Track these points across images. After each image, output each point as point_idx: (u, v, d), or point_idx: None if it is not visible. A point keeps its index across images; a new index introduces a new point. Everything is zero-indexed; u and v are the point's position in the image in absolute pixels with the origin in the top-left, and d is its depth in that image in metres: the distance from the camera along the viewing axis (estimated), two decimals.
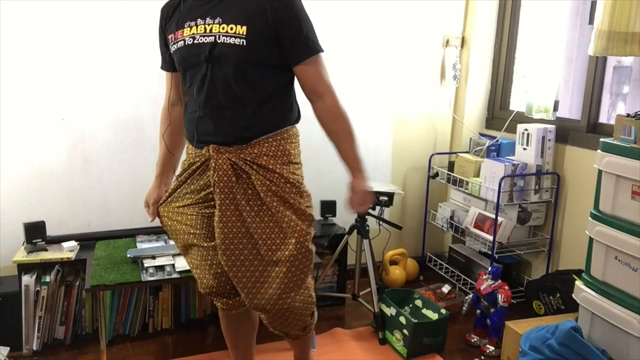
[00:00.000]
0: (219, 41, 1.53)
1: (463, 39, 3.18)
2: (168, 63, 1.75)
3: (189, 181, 1.70)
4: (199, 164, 1.64)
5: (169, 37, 1.64)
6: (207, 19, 1.55)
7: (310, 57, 1.58)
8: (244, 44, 1.51)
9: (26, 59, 2.38)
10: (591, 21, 2.54)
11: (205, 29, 1.55)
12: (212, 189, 1.62)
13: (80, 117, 2.52)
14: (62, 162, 2.53)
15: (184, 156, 1.79)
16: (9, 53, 2.35)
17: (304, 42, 1.57)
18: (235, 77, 1.55)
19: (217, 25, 1.54)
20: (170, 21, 1.65)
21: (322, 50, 1.61)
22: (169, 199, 1.76)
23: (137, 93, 2.58)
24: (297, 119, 1.73)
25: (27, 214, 2.48)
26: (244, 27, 1.51)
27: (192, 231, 1.70)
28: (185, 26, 1.59)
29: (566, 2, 2.68)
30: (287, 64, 1.60)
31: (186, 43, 1.58)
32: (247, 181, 1.60)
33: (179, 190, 1.73)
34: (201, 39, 1.55)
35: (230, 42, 1.52)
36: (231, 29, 1.52)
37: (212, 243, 1.68)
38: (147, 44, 2.55)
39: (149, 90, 2.58)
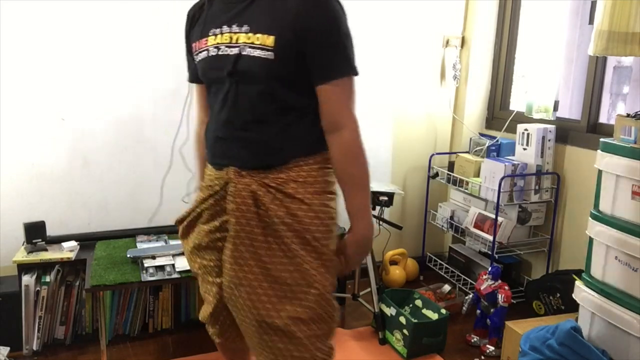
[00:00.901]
0: (244, 53, 1.29)
1: (463, 39, 3.18)
2: (194, 74, 1.51)
3: (204, 205, 1.46)
4: (217, 187, 1.41)
5: (193, 45, 1.43)
6: (234, 26, 1.33)
7: (339, 77, 1.31)
8: (272, 57, 1.27)
9: (26, 59, 2.38)
10: (591, 21, 2.54)
11: (230, 38, 1.33)
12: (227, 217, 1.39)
13: (80, 117, 2.51)
14: (62, 162, 2.53)
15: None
16: (9, 53, 2.35)
17: (335, 57, 1.30)
18: (261, 95, 1.32)
19: (244, 35, 1.30)
20: (195, 27, 1.44)
21: (357, 74, 1.34)
22: (186, 224, 1.52)
23: (137, 93, 2.58)
24: None
25: (27, 214, 2.48)
26: (272, 37, 1.27)
27: (203, 263, 1.49)
28: (210, 34, 1.37)
29: (566, 2, 2.68)
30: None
31: (210, 54, 1.36)
32: (268, 213, 1.34)
33: (195, 213, 1.49)
34: (226, 50, 1.33)
35: (256, 55, 1.28)
36: (257, 39, 1.28)
37: (219, 280, 1.44)
38: (148, 44, 2.55)
39: (149, 90, 2.59)
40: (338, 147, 1.36)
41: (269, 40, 1.27)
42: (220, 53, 1.34)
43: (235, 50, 1.31)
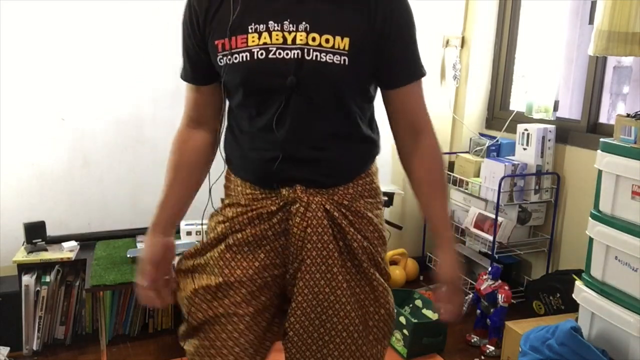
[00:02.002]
0: (308, 57, 1.09)
1: (463, 39, 3.18)
2: (199, 74, 1.24)
3: (247, 232, 1.19)
4: (273, 208, 1.18)
5: (217, 42, 1.14)
6: (286, 22, 1.09)
7: (417, 80, 1.20)
8: (346, 62, 1.10)
9: (26, 59, 2.38)
10: (591, 21, 2.53)
11: (284, 38, 1.09)
12: (284, 243, 1.19)
13: (81, 117, 2.51)
14: (62, 162, 2.53)
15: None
16: (9, 53, 2.35)
17: (412, 59, 1.18)
18: (331, 105, 1.15)
19: (304, 34, 1.09)
20: (214, 18, 1.15)
21: (426, 74, 1.23)
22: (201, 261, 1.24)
23: (137, 93, 2.58)
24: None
25: (27, 214, 2.48)
26: (346, 40, 1.09)
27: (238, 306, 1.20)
28: (250, 30, 1.11)
29: (566, 2, 2.68)
30: (380, 84, 1.22)
31: (255, 57, 1.10)
32: (342, 234, 1.19)
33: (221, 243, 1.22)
34: (280, 53, 1.10)
35: (327, 61, 1.09)
36: (327, 41, 1.09)
37: (251, 309, 1.20)
38: (148, 44, 2.55)
39: (149, 90, 2.59)
40: (426, 151, 1.25)
41: (344, 42, 1.09)
42: (270, 56, 1.10)
43: (293, 54, 1.09)
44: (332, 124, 1.17)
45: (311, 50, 1.08)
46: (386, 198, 2.65)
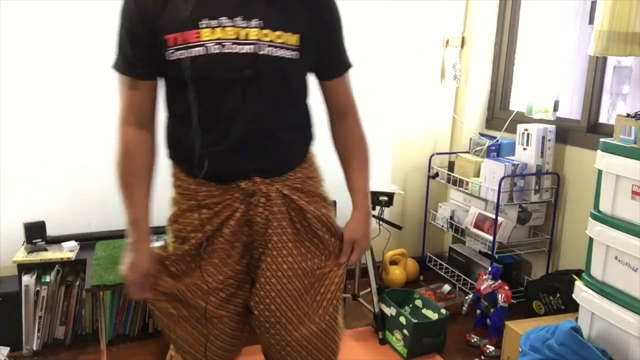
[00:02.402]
0: (261, 52, 1.16)
1: (463, 39, 3.18)
2: (144, 68, 1.24)
3: (210, 227, 1.27)
4: (236, 204, 1.25)
5: (167, 37, 1.16)
6: (238, 19, 1.15)
7: (347, 70, 1.35)
8: (297, 57, 1.20)
9: (26, 58, 2.38)
10: (591, 21, 2.54)
11: (238, 33, 1.15)
12: (248, 232, 1.28)
13: (81, 117, 2.51)
14: (62, 162, 2.53)
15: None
16: (9, 53, 2.35)
17: (343, 53, 1.33)
18: (283, 96, 1.24)
19: (257, 31, 1.16)
20: (164, 12, 1.17)
21: (352, 65, 1.38)
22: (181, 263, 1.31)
23: None
24: None
25: (27, 214, 2.48)
26: (296, 36, 1.19)
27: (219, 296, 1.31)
28: (203, 25, 1.15)
29: (566, 2, 2.68)
30: (317, 75, 1.34)
31: (210, 51, 1.15)
32: (301, 213, 1.31)
33: (193, 246, 1.29)
34: (234, 48, 1.15)
35: (279, 56, 1.17)
36: (278, 37, 1.17)
37: (234, 307, 1.33)
38: None
39: None
40: (351, 129, 1.39)
41: (294, 38, 1.19)
42: (225, 51, 1.15)
43: (247, 49, 1.15)
44: (284, 114, 1.25)
45: (265, 46, 1.16)
46: (386, 198, 2.65)
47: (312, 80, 1.35)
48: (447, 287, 2.85)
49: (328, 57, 1.30)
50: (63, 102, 2.48)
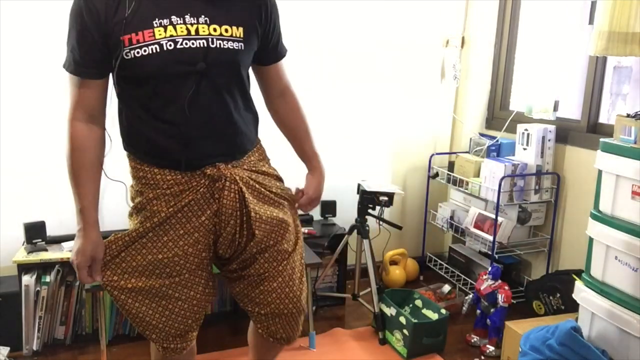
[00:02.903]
0: (212, 46, 1.30)
1: (463, 39, 3.18)
2: (96, 68, 1.31)
3: (173, 208, 1.39)
4: (201, 189, 1.39)
5: (123, 38, 1.25)
6: (187, 16, 1.28)
7: (284, 56, 1.55)
8: (242, 47, 1.35)
9: (27, 59, 2.38)
10: (591, 21, 2.54)
11: (188, 30, 1.28)
12: (216, 209, 1.42)
13: None
14: (62, 162, 2.51)
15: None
16: (9, 53, 2.35)
17: (281, 43, 1.53)
18: (233, 84, 1.38)
19: (206, 26, 1.30)
20: (116, 15, 1.24)
21: (287, 50, 1.60)
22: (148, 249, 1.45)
23: None
24: None
25: (27, 214, 2.48)
26: (241, 29, 1.34)
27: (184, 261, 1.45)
28: (155, 25, 1.25)
29: (566, 2, 2.68)
30: (259, 62, 1.50)
31: (164, 48, 1.26)
32: (259, 191, 1.48)
33: (153, 226, 1.42)
34: (186, 43, 1.27)
35: (228, 47, 1.32)
36: (226, 30, 1.32)
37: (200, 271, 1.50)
38: None
39: None
40: (294, 104, 1.60)
41: (239, 31, 1.34)
42: (178, 46, 1.27)
43: (199, 43, 1.29)
44: (235, 101, 1.39)
45: (215, 39, 1.30)
46: (386, 198, 2.65)
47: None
48: (447, 287, 2.85)
49: (271, 43, 1.47)
50: (63, 102, 2.47)
